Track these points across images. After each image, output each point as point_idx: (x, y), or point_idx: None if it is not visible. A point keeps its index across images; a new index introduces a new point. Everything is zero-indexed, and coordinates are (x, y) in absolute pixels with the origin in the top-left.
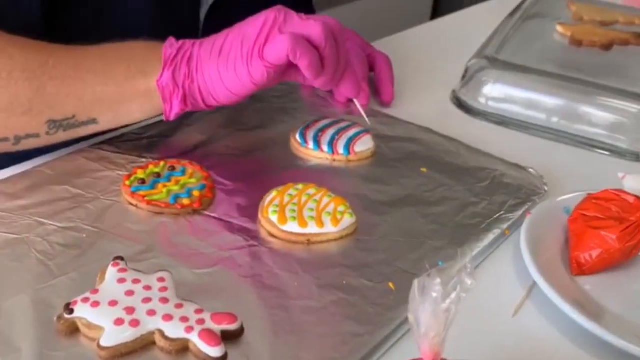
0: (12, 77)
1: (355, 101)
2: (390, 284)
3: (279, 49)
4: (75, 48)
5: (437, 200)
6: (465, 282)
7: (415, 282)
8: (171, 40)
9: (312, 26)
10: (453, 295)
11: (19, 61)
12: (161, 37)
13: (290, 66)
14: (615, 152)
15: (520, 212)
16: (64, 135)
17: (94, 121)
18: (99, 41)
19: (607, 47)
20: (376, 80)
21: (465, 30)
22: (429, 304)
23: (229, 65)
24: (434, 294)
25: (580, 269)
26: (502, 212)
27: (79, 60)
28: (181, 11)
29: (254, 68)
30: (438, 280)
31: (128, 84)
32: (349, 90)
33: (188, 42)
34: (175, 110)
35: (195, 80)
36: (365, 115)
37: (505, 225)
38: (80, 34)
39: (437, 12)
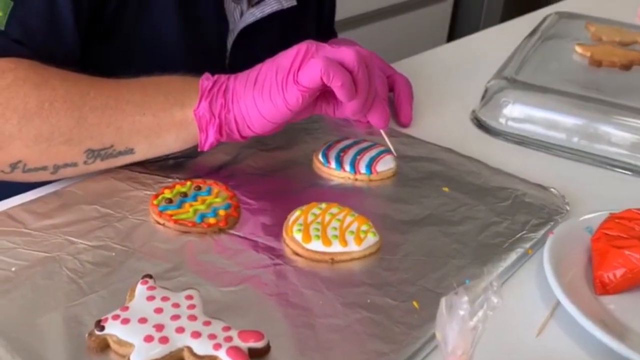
0: (53, 107)
1: (383, 132)
2: (415, 303)
3: (312, 72)
4: (114, 80)
5: (459, 219)
6: (491, 300)
7: (443, 300)
8: (207, 74)
9: (344, 51)
10: (480, 314)
11: (60, 92)
12: (191, 64)
13: (322, 97)
14: (636, 171)
15: (542, 232)
16: (101, 164)
17: (131, 151)
18: (132, 72)
19: (627, 67)
20: (395, 101)
21: (482, 51)
22: (456, 322)
23: (264, 93)
24: (462, 312)
25: (604, 288)
26: (524, 232)
27: (118, 91)
28: (210, 41)
29: (289, 93)
30: (465, 299)
31: (166, 115)
32: (377, 119)
33: (223, 76)
34: (210, 139)
35: (231, 110)
36: (391, 147)
37: (527, 245)
38: (114, 65)
39: (453, 34)
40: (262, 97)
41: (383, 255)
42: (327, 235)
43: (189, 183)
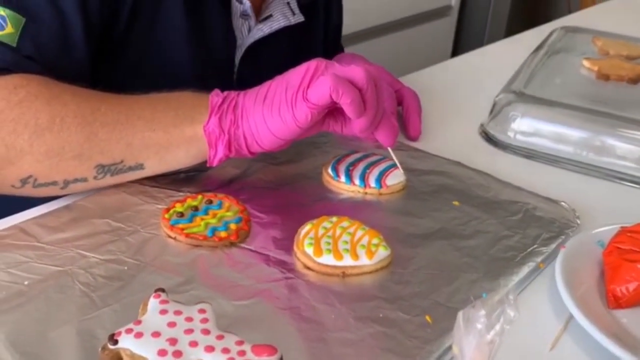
0: (64, 122)
1: (390, 150)
2: (427, 317)
3: (322, 89)
4: (125, 96)
5: (470, 233)
6: (508, 313)
7: (460, 314)
8: (217, 90)
9: (353, 69)
10: (497, 327)
11: (71, 108)
12: (199, 80)
13: (330, 115)
14: None
15: (554, 246)
16: (111, 179)
17: (140, 166)
18: (142, 88)
19: (635, 80)
20: (404, 115)
21: (489, 66)
22: (474, 336)
23: (274, 109)
24: (479, 326)
25: (616, 302)
26: (535, 246)
27: (129, 107)
28: (218, 56)
29: (298, 110)
30: (483, 312)
31: (176, 130)
32: (385, 137)
33: (233, 93)
34: (219, 155)
35: (240, 126)
36: (399, 165)
37: (539, 259)
38: (124, 81)
39: (457, 49)
40: (272, 113)
41: (394, 269)
42: (339, 249)
43: (200, 197)
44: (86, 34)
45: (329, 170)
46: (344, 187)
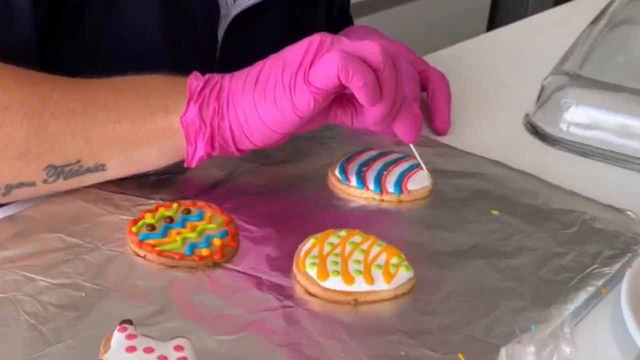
0: (7, 113)
1: (413, 147)
2: (460, 356)
3: (327, 69)
4: (83, 81)
5: (513, 250)
6: (563, 350)
7: (503, 351)
8: (196, 73)
9: (366, 45)
10: None
11: (16, 96)
12: (174, 59)
13: (337, 103)
14: None
15: (618, 266)
16: (64, 184)
17: (101, 167)
18: (104, 71)
19: None
20: (430, 103)
21: (534, 42)
22: None
23: (268, 95)
24: None
25: None
26: (595, 266)
27: (87, 94)
28: (197, 29)
29: (298, 96)
30: (532, 349)
31: (145, 122)
32: (405, 130)
33: (216, 75)
34: (199, 153)
35: (225, 117)
36: (423, 164)
37: (600, 282)
38: (82, 63)
39: (494, 22)
40: (265, 100)
41: (419, 296)
42: (349, 271)
43: (175, 205)
44: (32, 3)
45: (337, 172)
46: (355, 192)
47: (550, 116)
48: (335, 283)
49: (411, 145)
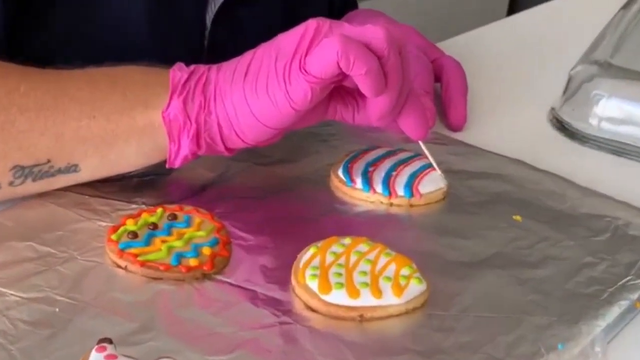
0: None
1: (422, 145)
2: None
3: (326, 55)
4: (54, 72)
5: (537, 260)
6: None
7: None
8: (180, 64)
9: (369, 29)
10: None
11: None
12: (157, 49)
13: (337, 96)
14: None
15: None
16: (33, 186)
17: (74, 168)
18: (78, 62)
19: None
20: (444, 96)
21: (558, 27)
22: None
23: (259, 87)
24: None
25: None
26: (629, 277)
27: (59, 86)
28: (183, 15)
29: (294, 86)
30: None
31: (123, 117)
32: (412, 126)
33: (203, 67)
34: (183, 152)
35: (213, 112)
36: (434, 162)
37: (635, 295)
38: (54, 53)
39: (515, 5)
40: (257, 92)
41: (432, 311)
42: (354, 283)
43: (160, 210)
44: None
45: (340, 173)
46: (360, 195)
47: (579, 110)
48: (338, 297)
49: (420, 143)
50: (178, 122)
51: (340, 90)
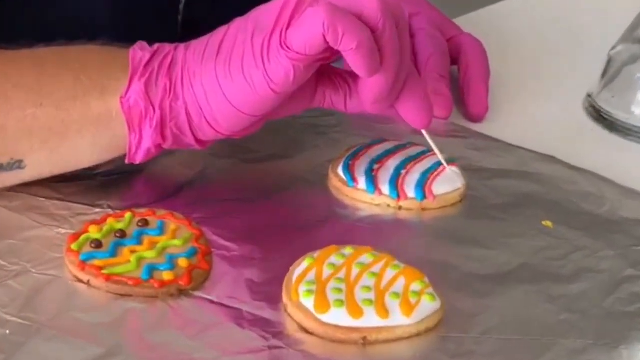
0: None
1: (427, 135)
2: None
3: (310, 27)
4: None
5: (571, 273)
6: None
7: None
8: (141, 43)
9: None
10: None
11: None
12: (122, 28)
13: (326, 80)
14: None
15: None
16: None
17: (18, 164)
18: (25, 38)
19: None
20: (462, 80)
21: (595, 1)
22: None
23: (234, 66)
24: None
25: None
26: None
27: (1, 70)
28: None
29: (274, 65)
30: None
31: (76, 105)
32: (413, 111)
33: (168, 45)
34: (145, 144)
35: (180, 97)
36: (444, 160)
37: None
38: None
39: None
40: (231, 73)
41: (448, 333)
42: (356, 300)
43: (128, 215)
44: None
45: (340, 172)
46: (364, 197)
47: (620, 97)
48: (338, 316)
49: (424, 132)
50: (139, 109)
51: (329, 72)
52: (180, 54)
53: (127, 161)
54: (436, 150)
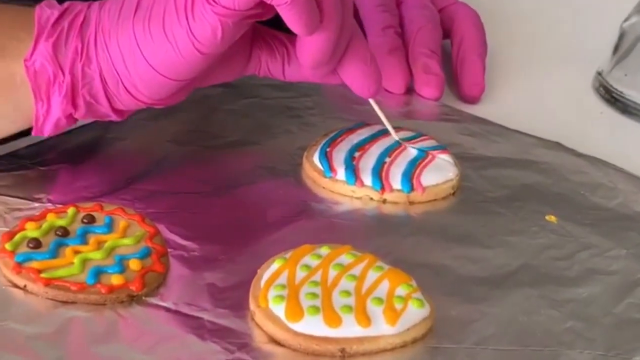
0: None
1: (375, 105)
2: None
3: None
4: None
5: (578, 275)
6: None
7: None
8: (50, 0)
9: None
10: None
11: None
12: None
13: (262, 43)
14: None
15: None
16: None
17: None
18: None
19: None
20: (455, 56)
21: None
22: None
23: (154, 24)
24: None
25: None
26: None
27: None
28: None
29: (199, 21)
30: None
31: None
32: (358, 77)
33: (79, 3)
34: (54, 114)
35: (93, 60)
36: (393, 132)
37: None
38: None
39: None
40: (150, 31)
41: (439, 343)
42: (334, 307)
43: (71, 210)
44: None
45: (316, 160)
46: (343, 189)
47: (634, 75)
48: (313, 325)
49: (372, 102)
50: (46, 74)
51: (265, 34)
52: (93, 12)
53: (33, 133)
54: (387, 125)
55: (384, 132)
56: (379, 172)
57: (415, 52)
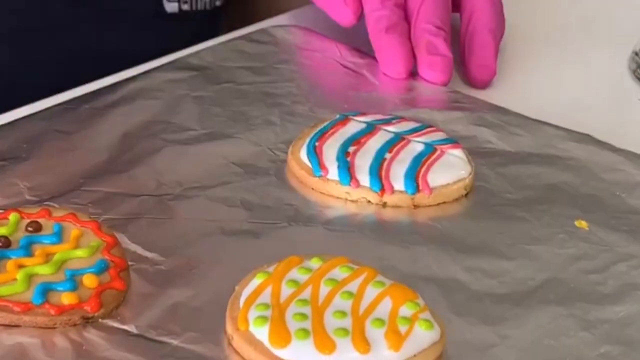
0: None
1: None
2: None
3: None
4: None
5: (614, 290)
6: None
7: None
8: None
9: None
10: None
11: None
12: None
13: None
14: None
15: None
16: None
17: None
18: None
19: None
20: (464, 33)
21: None
22: None
23: None
24: None
25: None
26: None
27: None
28: None
29: None
30: None
31: None
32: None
33: None
34: None
35: None
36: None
37: None
38: None
39: None
40: None
41: None
42: (326, 329)
43: (14, 216)
44: None
45: (303, 156)
46: (335, 191)
47: None
48: (301, 352)
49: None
50: None
51: None
52: None
53: None
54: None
55: (384, 123)
56: (378, 171)
57: (418, 28)
